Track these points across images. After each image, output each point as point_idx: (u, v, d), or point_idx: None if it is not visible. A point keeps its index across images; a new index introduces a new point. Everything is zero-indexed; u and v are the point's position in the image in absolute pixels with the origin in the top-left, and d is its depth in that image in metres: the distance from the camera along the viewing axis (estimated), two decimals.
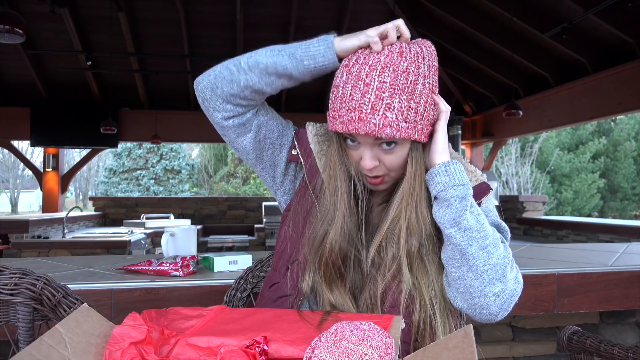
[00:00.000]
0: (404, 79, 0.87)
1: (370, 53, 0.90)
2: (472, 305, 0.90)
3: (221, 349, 0.74)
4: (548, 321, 2.02)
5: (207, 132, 9.23)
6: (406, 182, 0.94)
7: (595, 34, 6.08)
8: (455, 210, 0.89)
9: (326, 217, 0.98)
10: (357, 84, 0.88)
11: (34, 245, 4.91)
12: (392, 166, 0.94)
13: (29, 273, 1.00)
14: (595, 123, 17.43)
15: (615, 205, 17.63)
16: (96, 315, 0.78)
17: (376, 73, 0.87)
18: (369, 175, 0.95)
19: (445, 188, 0.90)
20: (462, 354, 0.67)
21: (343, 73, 0.91)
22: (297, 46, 0.97)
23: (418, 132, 0.90)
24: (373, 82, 0.87)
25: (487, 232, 0.90)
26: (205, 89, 1.13)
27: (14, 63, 8.08)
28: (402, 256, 0.93)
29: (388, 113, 0.86)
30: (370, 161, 0.92)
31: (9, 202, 24.54)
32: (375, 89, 0.86)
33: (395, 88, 0.86)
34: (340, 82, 0.91)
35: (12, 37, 3.91)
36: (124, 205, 8.16)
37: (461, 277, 0.89)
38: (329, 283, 0.95)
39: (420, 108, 0.89)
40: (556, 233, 6.64)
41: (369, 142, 0.91)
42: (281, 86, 1.00)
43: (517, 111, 6.41)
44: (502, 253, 0.90)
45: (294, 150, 1.06)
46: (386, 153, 0.92)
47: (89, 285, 1.44)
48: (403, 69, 0.87)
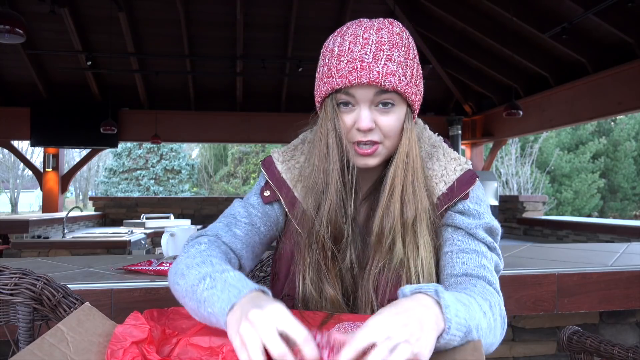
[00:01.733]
0: (399, 38, 0.88)
1: (359, 21, 0.91)
2: None
3: (223, 348, 0.74)
4: (548, 321, 2.02)
5: (207, 132, 9.25)
6: (401, 150, 0.91)
7: (595, 34, 6.08)
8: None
9: (317, 188, 0.93)
10: (356, 39, 0.87)
11: (34, 245, 4.91)
12: (388, 129, 0.89)
13: (29, 273, 1.00)
14: (595, 123, 17.43)
15: (615, 205, 17.63)
16: (98, 314, 0.78)
17: (373, 31, 0.88)
18: (363, 139, 0.90)
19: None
20: None
21: (336, 38, 0.90)
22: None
23: (414, 95, 0.90)
24: (371, 37, 0.87)
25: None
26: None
27: (14, 63, 8.08)
28: (397, 228, 0.90)
29: (389, 63, 0.86)
30: (368, 121, 0.88)
31: (9, 202, 24.54)
32: (375, 42, 0.86)
33: (394, 43, 0.87)
34: (334, 45, 0.89)
35: (12, 37, 3.91)
36: (124, 205, 8.16)
37: None
38: (320, 269, 0.93)
39: (414, 71, 0.90)
40: (556, 233, 6.64)
41: (368, 98, 0.88)
42: None
43: (517, 111, 6.42)
44: (491, 330, 0.79)
45: (267, 192, 1.01)
46: (382, 114, 0.89)
47: (89, 285, 1.44)
48: (397, 32, 0.89)
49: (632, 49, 5.64)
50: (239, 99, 9.14)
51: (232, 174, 21.98)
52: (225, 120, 9.15)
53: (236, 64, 8.38)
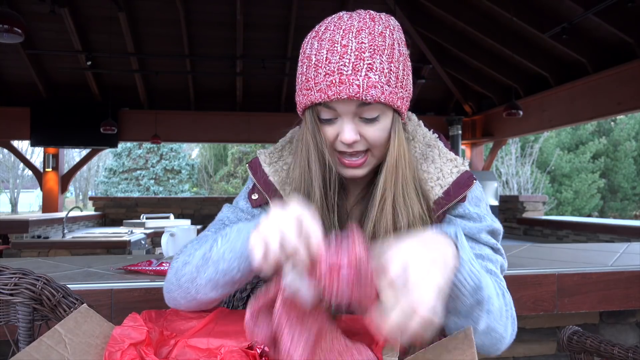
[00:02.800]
0: (382, 41, 0.81)
1: (339, 19, 0.84)
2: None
3: (221, 349, 0.74)
4: (548, 321, 2.02)
5: (207, 132, 9.25)
6: (389, 158, 0.86)
7: (595, 34, 6.08)
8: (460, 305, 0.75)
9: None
10: (333, 47, 0.80)
11: (34, 245, 4.91)
12: (375, 140, 0.85)
13: (28, 273, 1.00)
14: (595, 123, 17.43)
15: (615, 205, 17.63)
16: (96, 316, 0.78)
17: (352, 35, 0.80)
18: (348, 150, 0.85)
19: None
20: (462, 355, 0.67)
21: (313, 42, 0.83)
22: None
23: (400, 100, 0.85)
24: (350, 43, 0.80)
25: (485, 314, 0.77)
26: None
27: (14, 63, 8.08)
28: (388, 236, 0.86)
29: (371, 74, 0.79)
30: (351, 133, 0.83)
31: (9, 202, 24.54)
32: (355, 50, 0.79)
33: (375, 49, 0.80)
34: (312, 50, 0.83)
35: (11, 36, 3.91)
36: (124, 205, 8.16)
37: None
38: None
39: (400, 73, 0.84)
40: (556, 233, 6.64)
41: (350, 111, 0.83)
42: (236, 288, 0.85)
43: (517, 111, 6.42)
44: (503, 320, 0.81)
45: (255, 195, 0.98)
46: (367, 125, 0.84)
47: (89, 285, 1.44)
48: (379, 32, 0.82)
49: (632, 49, 5.64)
50: (239, 99, 9.14)
51: (232, 174, 21.97)
52: (225, 120, 9.15)
53: (236, 64, 8.38)
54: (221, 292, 0.84)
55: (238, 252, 0.79)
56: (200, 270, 0.83)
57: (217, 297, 0.85)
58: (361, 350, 0.72)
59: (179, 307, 0.89)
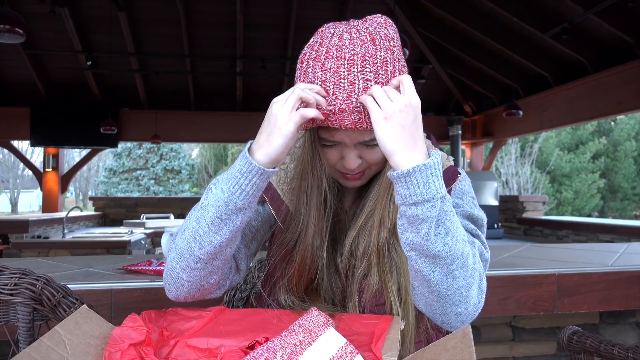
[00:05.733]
0: (385, 71, 0.82)
1: (339, 41, 0.82)
2: (432, 317, 0.87)
3: (221, 349, 0.74)
4: (548, 321, 2.02)
5: (207, 132, 9.25)
6: (385, 174, 0.90)
7: (595, 34, 6.08)
8: (416, 233, 0.77)
9: (295, 226, 0.93)
10: (340, 83, 0.81)
11: (34, 245, 4.91)
12: (375, 161, 0.89)
13: (28, 273, 1.00)
14: (595, 123, 17.43)
15: (615, 205, 17.63)
16: (95, 317, 0.78)
17: (357, 69, 0.81)
18: (351, 173, 0.90)
19: (405, 203, 0.76)
20: (460, 355, 0.67)
21: (316, 68, 0.83)
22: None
23: None
24: (357, 80, 0.81)
25: (456, 252, 0.79)
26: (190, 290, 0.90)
27: (14, 63, 8.08)
28: (373, 250, 0.89)
29: None
30: (354, 161, 0.87)
31: (9, 202, 24.54)
32: (362, 88, 0.81)
33: (380, 82, 0.82)
34: (315, 79, 0.83)
35: (12, 37, 3.91)
36: (124, 205, 8.16)
37: (422, 293, 0.84)
38: (302, 296, 0.93)
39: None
40: (556, 233, 6.64)
41: (353, 140, 0.86)
42: (239, 224, 0.85)
43: (517, 111, 6.42)
44: (469, 271, 0.81)
45: None
46: (369, 148, 0.88)
47: (89, 285, 1.44)
48: (382, 60, 0.82)
49: (632, 49, 5.64)
50: (239, 99, 9.14)
51: None
52: (225, 120, 9.15)
53: (236, 64, 8.38)
54: (226, 233, 0.83)
55: (236, 172, 0.81)
56: (200, 220, 0.84)
57: (223, 241, 0.83)
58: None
59: (181, 291, 0.89)
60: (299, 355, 0.70)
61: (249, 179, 0.81)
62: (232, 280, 0.95)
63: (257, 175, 0.81)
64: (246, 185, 0.81)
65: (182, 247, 0.86)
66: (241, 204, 0.82)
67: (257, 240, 1.01)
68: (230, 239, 0.85)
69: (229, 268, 0.92)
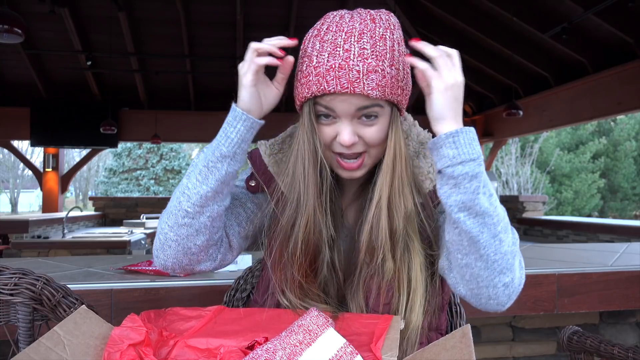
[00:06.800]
0: (383, 45, 0.83)
1: (340, 19, 0.86)
2: (477, 295, 0.83)
3: (220, 349, 0.74)
4: (548, 321, 2.02)
5: (207, 132, 9.24)
6: (387, 159, 0.87)
7: (595, 34, 6.08)
8: (464, 192, 0.78)
9: (292, 205, 0.90)
10: (335, 51, 0.83)
11: (33, 245, 4.91)
12: (373, 140, 0.87)
13: (28, 273, 1.00)
14: (595, 123, 17.42)
15: (615, 205, 17.63)
16: (95, 317, 0.78)
17: (354, 39, 0.83)
18: (346, 152, 0.88)
19: (453, 164, 0.78)
20: (460, 354, 0.67)
21: (315, 42, 0.86)
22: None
23: (400, 95, 0.87)
24: (353, 48, 0.82)
25: (500, 215, 0.80)
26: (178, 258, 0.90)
27: (14, 63, 8.09)
28: (386, 244, 0.87)
29: (372, 75, 0.82)
30: (350, 136, 0.85)
31: (9, 202, 24.55)
32: (357, 55, 0.82)
33: (377, 54, 0.82)
34: (313, 50, 0.85)
35: (11, 36, 3.91)
36: (124, 205, 8.16)
37: (468, 264, 0.81)
38: (302, 287, 0.90)
39: (399, 74, 0.86)
40: (556, 233, 6.64)
41: (349, 112, 0.85)
42: (225, 174, 0.88)
43: (517, 111, 6.42)
44: (511, 239, 0.82)
45: (252, 182, 0.99)
46: (366, 126, 0.86)
47: (89, 285, 1.44)
48: (380, 35, 0.84)
49: (632, 49, 5.64)
50: None
51: None
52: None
53: (236, 64, 8.35)
54: (212, 182, 0.86)
55: (224, 124, 0.91)
56: (190, 175, 0.88)
57: (209, 190, 0.86)
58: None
59: (168, 255, 0.88)
60: (299, 356, 0.70)
61: (233, 126, 0.90)
62: (225, 256, 0.94)
63: (241, 122, 0.90)
64: (231, 133, 0.89)
65: (172, 205, 0.89)
66: (226, 151, 0.87)
67: (253, 224, 0.98)
68: (216, 192, 0.87)
69: (219, 238, 0.92)
